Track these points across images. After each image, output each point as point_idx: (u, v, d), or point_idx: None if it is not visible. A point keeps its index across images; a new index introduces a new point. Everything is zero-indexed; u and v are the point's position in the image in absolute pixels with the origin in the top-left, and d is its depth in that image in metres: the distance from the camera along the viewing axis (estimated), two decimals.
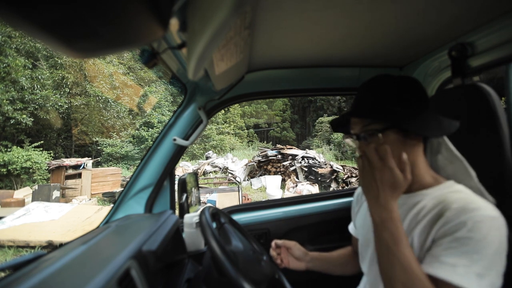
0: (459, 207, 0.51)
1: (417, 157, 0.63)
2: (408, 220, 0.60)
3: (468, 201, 0.52)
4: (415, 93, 0.62)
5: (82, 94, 12.66)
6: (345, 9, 0.66)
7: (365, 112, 0.63)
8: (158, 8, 0.32)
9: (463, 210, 0.50)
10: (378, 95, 0.63)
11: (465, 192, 0.57)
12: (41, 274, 0.48)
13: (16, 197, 6.53)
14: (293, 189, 6.87)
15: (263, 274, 0.68)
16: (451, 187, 0.59)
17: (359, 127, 0.64)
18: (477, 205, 0.51)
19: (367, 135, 0.61)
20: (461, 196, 0.54)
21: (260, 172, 9.11)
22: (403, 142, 0.60)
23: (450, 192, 0.57)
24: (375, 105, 0.62)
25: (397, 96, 0.61)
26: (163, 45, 0.61)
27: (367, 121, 0.62)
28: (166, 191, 1.09)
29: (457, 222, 0.50)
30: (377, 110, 0.61)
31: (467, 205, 0.51)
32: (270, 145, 21.98)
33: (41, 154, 9.71)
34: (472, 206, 0.50)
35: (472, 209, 0.50)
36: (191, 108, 1.05)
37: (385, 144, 0.57)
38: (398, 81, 0.63)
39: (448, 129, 0.59)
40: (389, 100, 0.61)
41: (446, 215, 0.52)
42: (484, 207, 0.50)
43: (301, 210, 1.24)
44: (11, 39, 10.18)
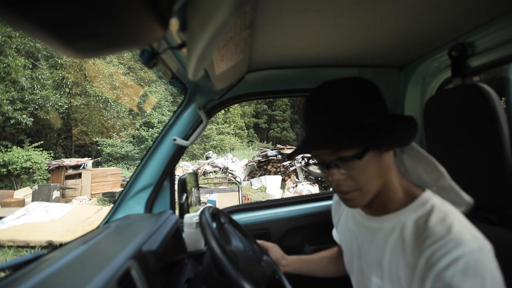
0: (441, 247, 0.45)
1: (391, 171, 0.56)
2: (390, 250, 0.55)
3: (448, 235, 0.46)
4: (377, 95, 0.53)
5: (82, 94, 12.66)
6: (345, 9, 0.65)
7: (336, 141, 0.50)
8: (158, 8, 0.32)
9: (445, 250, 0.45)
10: (345, 110, 0.51)
11: (439, 213, 0.50)
12: (41, 274, 0.48)
13: (16, 197, 6.53)
14: (293, 189, 6.87)
15: (263, 274, 0.68)
16: (426, 204, 0.53)
17: (326, 155, 0.53)
18: (459, 239, 0.45)
19: (340, 163, 0.52)
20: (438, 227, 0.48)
21: (260, 172, 9.10)
22: (380, 158, 0.52)
23: (425, 214, 0.51)
24: (342, 126, 0.51)
25: (363, 105, 0.51)
26: (163, 45, 0.61)
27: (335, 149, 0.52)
28: (166, 191, 1.09)
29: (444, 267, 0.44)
30: (349, 133, 0.50)
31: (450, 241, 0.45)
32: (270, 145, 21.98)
33: (41, 154, 9.72)
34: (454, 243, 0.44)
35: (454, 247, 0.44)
36: (191, 108, 1.05)
37: (362, 167, 0.51)
38: (353, 87, 0.53)
39: (415, 130, 0.53)
40: (360, 113, 0.51)
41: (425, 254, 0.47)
42: (464, 238, 0.44)
43: (301, 210, 1.24)
44: (11, 39, 10.18)
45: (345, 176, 0.53)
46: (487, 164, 0.66)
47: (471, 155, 0.70)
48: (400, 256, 0.53)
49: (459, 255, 0.43)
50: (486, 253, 0.44)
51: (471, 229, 0.47)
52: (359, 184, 0.53)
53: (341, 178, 0.53)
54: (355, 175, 0.52)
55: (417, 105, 1.15)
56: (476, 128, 0.68)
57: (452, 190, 0.58)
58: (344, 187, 0.54)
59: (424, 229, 0.49)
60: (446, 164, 0.77)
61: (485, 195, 0.67)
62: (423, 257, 0.47)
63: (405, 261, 0.51)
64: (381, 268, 0.57)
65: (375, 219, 0.60)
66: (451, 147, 0.76)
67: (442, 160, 0.79)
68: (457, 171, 0.74)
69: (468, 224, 0.48)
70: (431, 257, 0.46)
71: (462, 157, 0.72)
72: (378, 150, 0.52)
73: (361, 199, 0.54)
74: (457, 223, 0.47)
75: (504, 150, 0.62)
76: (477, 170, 0.68)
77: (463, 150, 0.72)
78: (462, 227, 0.47)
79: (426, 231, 0.48)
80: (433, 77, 1.07)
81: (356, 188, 0.53)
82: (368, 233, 0.62)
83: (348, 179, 0.53)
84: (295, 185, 7.08)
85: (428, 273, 0.46)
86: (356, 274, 0.68)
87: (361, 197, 0.54)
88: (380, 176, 0.54)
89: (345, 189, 0.54)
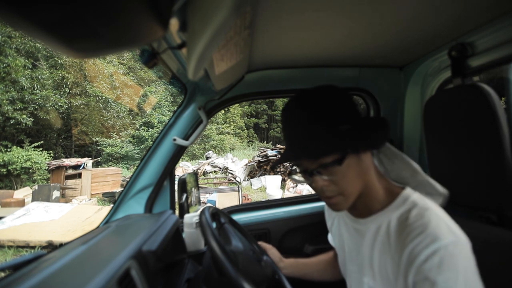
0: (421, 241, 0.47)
1: (371, 171, 0.58)
2: (378, 249, 0.57)
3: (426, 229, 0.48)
4: (349, 101, 0.56)
5: (82, 94, 12.67)
6: (345, 9, 0.65)
7: (315, 150, 0.53)
8: (158, 8, 0.32)
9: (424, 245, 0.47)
10: (321, 117, 0.54)
11: (419, 208, 0.52)
12: (41, 274, 0.48)
13: (16, 197, 6.53)
14: (293, 189, 6.87)
15: (263, 274, 0.68)
16: (406, 201, 0.55)
17: (308, 163, 0.55)
18: (436, 233, 0.47)
19: (322, 170, 0.54)
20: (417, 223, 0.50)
21: (260, 172, 9.10)
22: (359, 161, 0.55)
23: (406, 211, 0.54)
24: (320, 134, 0.53)
25: (336, 112, 0.54)
26: (163, 45, 0.61)
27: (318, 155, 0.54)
28: (166, 191, 1.09)
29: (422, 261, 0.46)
30: (321, 142, 0.53)
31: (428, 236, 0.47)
32: (270, 145, 21.97)
33: (41, 154, 9.72)
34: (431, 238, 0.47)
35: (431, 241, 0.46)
36: (191, 108, 1.05)
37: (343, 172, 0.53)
38: (325, 96, 0.56)
39: (389, 130, 0.56)
40: (335, 120, 0.54)
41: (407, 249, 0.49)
42: (441, 233, 0.47)
43: (301, 210, 1.24)
44: (11, 39, 10.19)
45: (327, 182, 0.55)
46: (487, 164, 0.66)
47: (471, 155, 0.70)
48: (387, 253, 0.55)
49: (436, 249, 0.45)
50: (461, 247, 0.46)
51: (448, 224, 0.49)
52: (341, 188, 0.55)
53: (324, 184, 0.55)
54: (337, 180, 0.54)
55: (417, 105, 1.15)
56: (476, 128, 0.68)
57: (428, 184, 0.61)
58: (328, 192, 0.56)
59: (406, 226, 0.51)
60: (446, 164, 0.77)
61: (485, 195, 0.67)
62: (406, 252, 0.49)
63: (392, 258, 0.53)
64: (372, 268, 0.58)
65: (361, 221, 0.62)
66: (451, 147, 0.76)
67: (442, 160, 0.79)
68: (457, 171, 0.74)
69: (446, 219, 0.50)
70: (412, 252, 0.48)
71: (462, 157, 0.72)
72: (356, 154, 0.54)
73: (344, 202, 0.56)
74: (434, 217, 0.50)
75: (504, 150, 0.62)
76: (477, 170, 0.68)
77: (463, 150, 0.72)
78: (440, 221, 0.49)
79: (407, 227, 0.51)
80: (433, 77, 1.07)
81: (339, 192, 0.55)
82: (357, 236, 0.64)
83: (330, 184, 0.55)
84: (295, 185, 7.07)
85: (410, 267, 0.48)
86: (349, 276, 0.69)
87: (344, 200, 0.56)
88: (361, 178, 0.56)
89: (329, 194, 0.56)
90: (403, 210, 0.54)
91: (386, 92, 1.18)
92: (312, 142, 0.54)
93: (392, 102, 1.18)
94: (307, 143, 0.54)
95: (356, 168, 0.55)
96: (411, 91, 1.14)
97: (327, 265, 0.88)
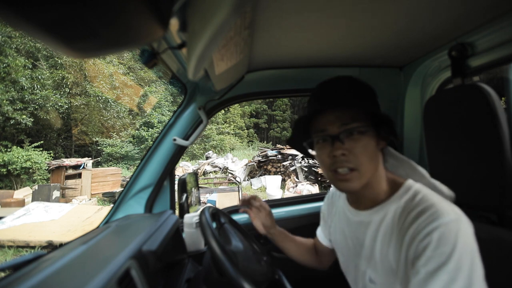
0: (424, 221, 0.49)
1: (381, 165, 0.62)
2: (380, 239, 0.58)
3: (429, 209, 0.50)
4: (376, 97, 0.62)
5: (82, 94, 12.66)
6: (345, 9, 0.66)
7: (355, 102, 0.58)
8: (158, 8, 0.32)
9: (426, 223, 0.48)
10: (359, 90, 0.60)
11: (422, 195, 0.54)
12: (41, 274, 0.48)
13: (16, 197, 6.53)
14: (293, 189, 6.87)
15: (263, 274, 0.68)
16: (409, 190, 0.57)
17: (335, 127, 0.57)
18: (439, 211, 0.48)
19: (348, 134, 0.56)
20: (421, 205, 0.52)
21: (260, 172, 9.10)
22: (376, 146, 0.58)
23: (410, 199, 0.55)
24: (360, 99, 0.59)
25: (371, 95, 0.60)
26: (163, 45, 0.61)
27: (350, 117, 0.57)
28: (166, 191, 1.09)
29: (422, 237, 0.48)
30: (364, 102, 0.58)
31: (431, 216, 0.49)
32: (270, 145, 21.98)
33: (41, 154, 9.72)
34: (434, 216, 0.48)
35: (433, 219, 0.48)
36: (191, 108, 1.05)
37: (365, 145, 0.56)
38: (364, 84, 0.62)
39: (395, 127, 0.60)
40: (369, 98, 0.60)
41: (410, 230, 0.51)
42: (444, 212, 0.48)
43: (301, 210, 1.24)
44: (11, 39, 10.19)
45: (347, 151, 0.56)
46: (487, 164, 0.66)
47: (471, 155, 0.70)
48: (390, 240, 0.55)
49: (437, 225, 0.47)
50: (463, 225, 0.47)
51: (452, 205, 0.51)
52: (358, 162, 0.56)
53: (344, 153, 0.56)
54: (357, 151, 0.56)
55: (417, 105, 1.15)
56: (476, 128, 0.68)
57: (434, 187, 0.61)
58: (345, 163, 0.56)
59: (410, 210, 0.53)
60: (446, 164, 0.77)
61: (485, 195, 0.67)
62: (409, 233, 0.50)
63: (394, 243, 0.54)
64: (374, 258, 0.59)
65: (365, 213, 0.63)
66: (451, 147, 0.76)
67: (442, 160, 0.79)
68: (457, 171, 0.74)
69: (450, 203, 0.52)
70: (415, 230, 0.49)
71: (462, 157, 0.72)
72: (377, 137, 0.58)
73: (358, 179, 0.57)
74: (438, 199, 0.52)
75: (504, 150, 0.62)
76: (477, 170, 0.68)
77: (463, 150, 0.72)
78: (443, 202, 0.51)
79: (412, 211, 0.52)
80: (433, 77, 1.07)
81: (355, 166, 0.56)
82: (361, 228, 0.64)
83: (350, 154, 0.56)
84: (295, 185, 7.07)
85: (411, 244, 0.50)
86: (352, 272, 0.69)
87: (358, 177, 0.57)
88: (374, 163, 0.58)
89: (345, 165, 0.57)
90: (407, 198, 0.56)
91: (386, 92, 1.18)
92: (357, 95, 0.59)
93: (392, 102, 1.18)
94: (352, 93, 0.59)
95: (374, 151, 0.57)
96: (411, 91, 1.14)
97: (305, 250, 0.91)
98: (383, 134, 0.59)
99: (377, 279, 0.58)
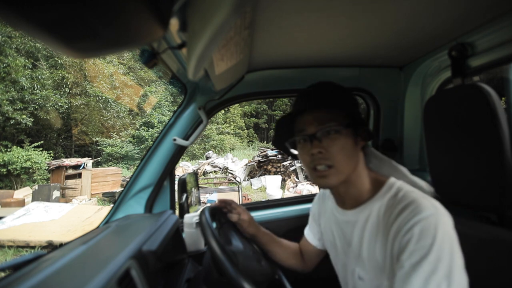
0: (405, 217, 0.52)
1: (361, 164, 0.65)
2: (367, 236, 0.60)
3: (411, 205, 0.52)
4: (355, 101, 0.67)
5: (82, 94, 12.66)
6: (345, 9, 0.66)
7: (332, 103, 0.63)
8: (158, 8, 0.32)
9: (407, 219, 0.51)
10: (337, 94, 0.65)
11: (404, 192, 0.57)
12: (41, 274, 0.48)
13: (16, 197, 6.53)
14: (293, 189, 6.87)
15: (263, 274, 0.68)
16: (392, 188, 0.60)
17: (313, 127, 0.61)
18: (419, 207, 0.51)
19: (325, 133, 0.60)
20: (403, 202, 0.54)
21: (260, 172, 9.10)
22: (354, 145, 0.62)
23: (392, 196, 0.58)
24: (339, 102, 0.63)
25: (350, 98, 0.65)
26: (163, 45, 0.61)
27: (327, 118, 0.61)
28: (166, 191, 1.09)
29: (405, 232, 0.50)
30: (341, 103, 0.63)
31: (412, 211, 0.51)
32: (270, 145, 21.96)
33: (41, 154, 9.72)
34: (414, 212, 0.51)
35: (414, 214, 0.51)
36: (191, 108, 1.05)
37: (341, 144, 0.59)
38: (343, 89, 0.66)
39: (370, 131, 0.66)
40: (347, 101, 0.64)
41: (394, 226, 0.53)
42: (424, 207, 0.51)
43: (301, 210, 1.24)
44: (11, 39, 10.18)
45: (324, 150, 0.60)
46: (487, 164, 0.66)
47: (471, 155, 0.70)
48: (376, 237, 0.58)
49: (418, 220, 0.50)
50: (442, 218, 0.50)
51: (431, 200, 0.54)
52: (335, 160, 0.60)
53: (321, 151, 0.60)
54: (333, 149, 0.59)
55: (417, 105, 1.15)
56: (476, 128, 0.68)
57: (414, 183, 0.64)
58: (323, 160, 0.60)
59: (393, 207, 0.56)
60: (446, 164, 0.77)
61: (485, 195, 0.67)
62: (393, 229, 0.53)
63: (381, 239, 0.57)
64: (362, 257, 0.61)
65: (351, 213, 0.66)
66: (451, 147, 0.76)
67: (442, 160, 0.79)
68: (457, 171, 0.74)
69: (430, 198, 0.55)
70: (398, 226, 0.52)
71: (462, 157, 0.72)
72: (354, 136, 0.62)
73: (335, 176, 0.60)
74: (419, 196, 0.55)
75: (504, 150, 0.62)
76: (477, 170, 0.68)
77: (463, 150, 0.72)
78: (423, 199, 0.54)
79: (395, 208, 0.55)
80: (433, 77, 1.07)
81: (332, 163, 0.60)
82: (348, 227, 0.67)
83: (326, 152, 0.60)
84: (295, 185, 7.07)
85: (395, 240, 0.52)
86: (341, 270, 0.72)
87: (335, 174, 0.60)
88: (352, 161, 0.61)
89: (323, 163, 0.60)
90: (390, 195, 0.59)
91: (386, 92, 1.18)
92: (335, 97, 0.64)
93: (392, 102, 1.18)
94: (329, 96, 0.64)
95: (351, 150, 0.61)
96: (411, 91, 1.14)
97: (290, 255, 0.90)
98: (362, 134, 0.63)
99: (365, 276, 0.61)
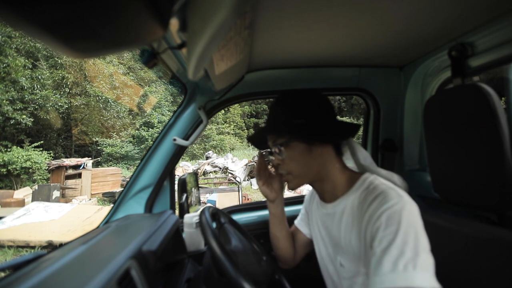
0: (375, 207, 0.56)
1: (328, 163, 0.69)
2: (344, 227, 0.65)
3: (379, 196, 0.57)
4: (318, 104, 0.69)
5: (82, 94, 12.65)
6: (345, 9, 0.66)
7: (270, 129, 0.71)
8: (158, 8, 0.32)
9: (376, 208, 0.56)
10: (285, 110, 0.70)
11: (374, 184, 0.62)
12: (41, 274, 0.48)
13: (16, 197, 6.53)
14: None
15: (263, 274, 0.68)
16: (364, 183, 0.65)
17: (270, 143, 0.72)
18: (386, 197, 0.56)
19: (276, 150, 0.69)
20: (373, 194, 0.59)
21: None
22: (309, 151, 0.67)
23: (365, 189, 0.63)
24: (281, 121, 0.69)
25: (301, 109, 0.68)
26: (163, 45, 0.61)
27: (275, 137, 0.70)
28: (166, 191, 1.09)
29: (374, 220, 0.55)
30: (279, 125, 0.69)
31: (380, 202, 0.56)
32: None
33: (41, 154, 9.71)
34: (382, 202, 0.56)
35: (382, 204, 0.55)
36: (191, 108, 1.05)
37: (291, 155, 0.67)
38: (303, 95, 0.70)
39: (352, 131, 0.69)
40: (294, 114, 0.68)
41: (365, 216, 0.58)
42: (390, 197, 0.56)
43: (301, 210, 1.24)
44: (11, 39, 10.18)
45: (280, 161, 0.71)
46: (487, 164, 0.66)
47: (471, 155, 0.70)
48: (352, 227, 0.63)
49: (385, 209, 0.54)
50: (407, 206, 0.54)
51: (398, 191, 0.58)
52: (289, 167, 0.69)
53: (278, 163, 0.71)
54: (286, 161, 0.69)
55: (417, 105, 1.15)
56: (476, 128, 0.68)
57: (387, 177, 0.68)
58: (280, 169, 0.72)
59: (365, 199, 0.61)
60: (447, 164, 0.77)
61: (485, 195, 0.67)
62: (365, 219, 0.58)
63: (356, 230, 0.62)
64: (341, 246, 0.67)
65: (330, 205, 0.72)
66: (451, 147, 0.76)
67: (442, 160, 0.79)
68: (457, 171, 0.74)
69: (398, 189, 0.60)
70: (369, 216, 0.57)
71: (462, 157, 0.72)
72: (307, 144, 0.67)
73: (293, 181, 0.71)
74: (387, 187, 0.59)
75: (504, 150, 0.62)
76: (477, 170, 0.68)
77: (463, 150, 0.72)
78: (391, 190, 0.58)
79: (366, 200, 0.60)
80: (433, 77, 1.07)
81: (288, 171, 0.70)
82: (328, 219, 0.73)
83: (282, 163, 0.70)
84: None
85: (367, 229, 0.57)
86: (325, 260, 0.77)
87: (293, 179, 0.70)
88: (309, 165, 0.68)
89: (281, 172, 0.72)
90: (363, 189, 0.64)
91: (386, 92, 1.18)
92: (276, 123, 0.71)
93: (392, 102, 1.18)
94: (272, 123, 0.72)
95: (306, 156, 0.67)
96: (411, 91, 1.14)
97: (287, 236, 0.90)
98: (314, 140, 0.67)
99: (345, 263, 0.66)
